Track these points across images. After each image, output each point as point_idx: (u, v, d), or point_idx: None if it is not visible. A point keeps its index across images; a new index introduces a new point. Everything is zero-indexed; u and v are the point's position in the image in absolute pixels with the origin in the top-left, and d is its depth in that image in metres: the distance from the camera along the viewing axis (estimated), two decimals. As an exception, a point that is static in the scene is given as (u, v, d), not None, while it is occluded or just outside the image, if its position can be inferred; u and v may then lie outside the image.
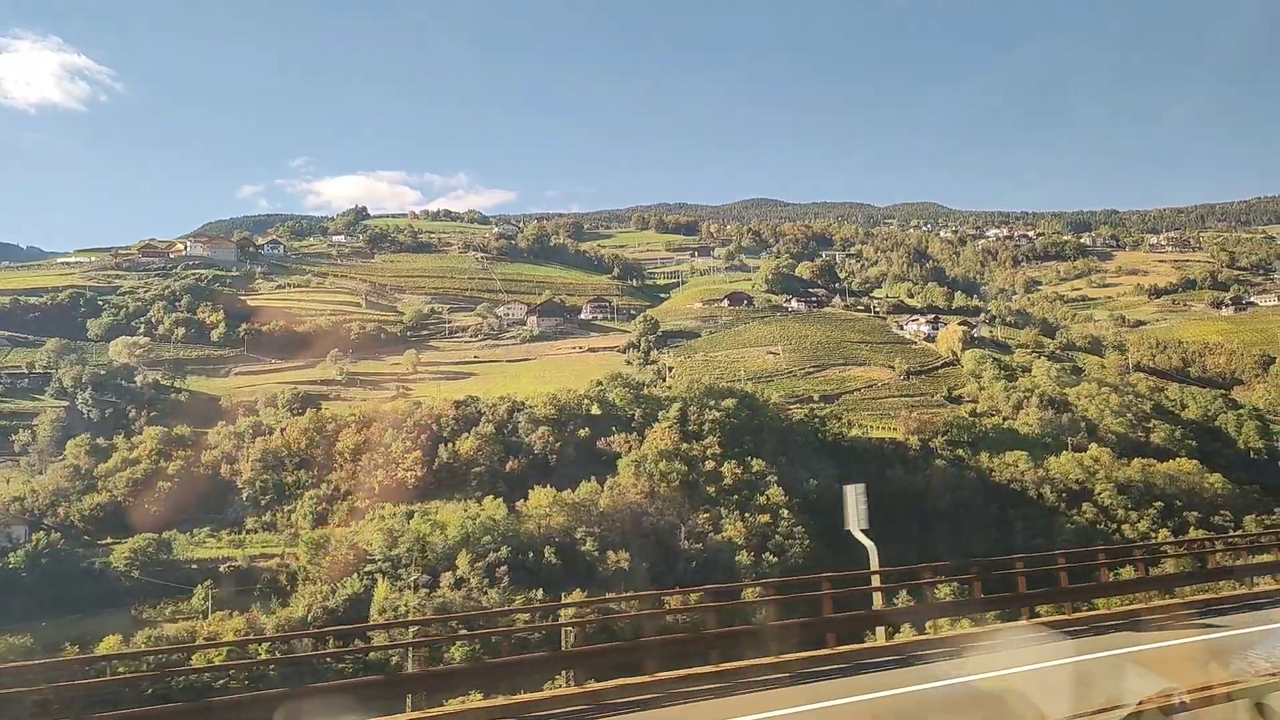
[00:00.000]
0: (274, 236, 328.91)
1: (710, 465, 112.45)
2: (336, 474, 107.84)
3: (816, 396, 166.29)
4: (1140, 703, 9.11)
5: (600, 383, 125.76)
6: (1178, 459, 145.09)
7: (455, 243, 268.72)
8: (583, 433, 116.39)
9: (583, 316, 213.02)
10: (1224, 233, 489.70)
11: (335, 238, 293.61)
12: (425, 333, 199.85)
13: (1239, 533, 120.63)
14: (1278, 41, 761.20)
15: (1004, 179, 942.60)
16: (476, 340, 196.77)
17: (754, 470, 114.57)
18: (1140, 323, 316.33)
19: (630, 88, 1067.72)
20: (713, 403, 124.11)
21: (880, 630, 22.75)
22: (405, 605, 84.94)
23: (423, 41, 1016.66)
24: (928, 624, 31.07)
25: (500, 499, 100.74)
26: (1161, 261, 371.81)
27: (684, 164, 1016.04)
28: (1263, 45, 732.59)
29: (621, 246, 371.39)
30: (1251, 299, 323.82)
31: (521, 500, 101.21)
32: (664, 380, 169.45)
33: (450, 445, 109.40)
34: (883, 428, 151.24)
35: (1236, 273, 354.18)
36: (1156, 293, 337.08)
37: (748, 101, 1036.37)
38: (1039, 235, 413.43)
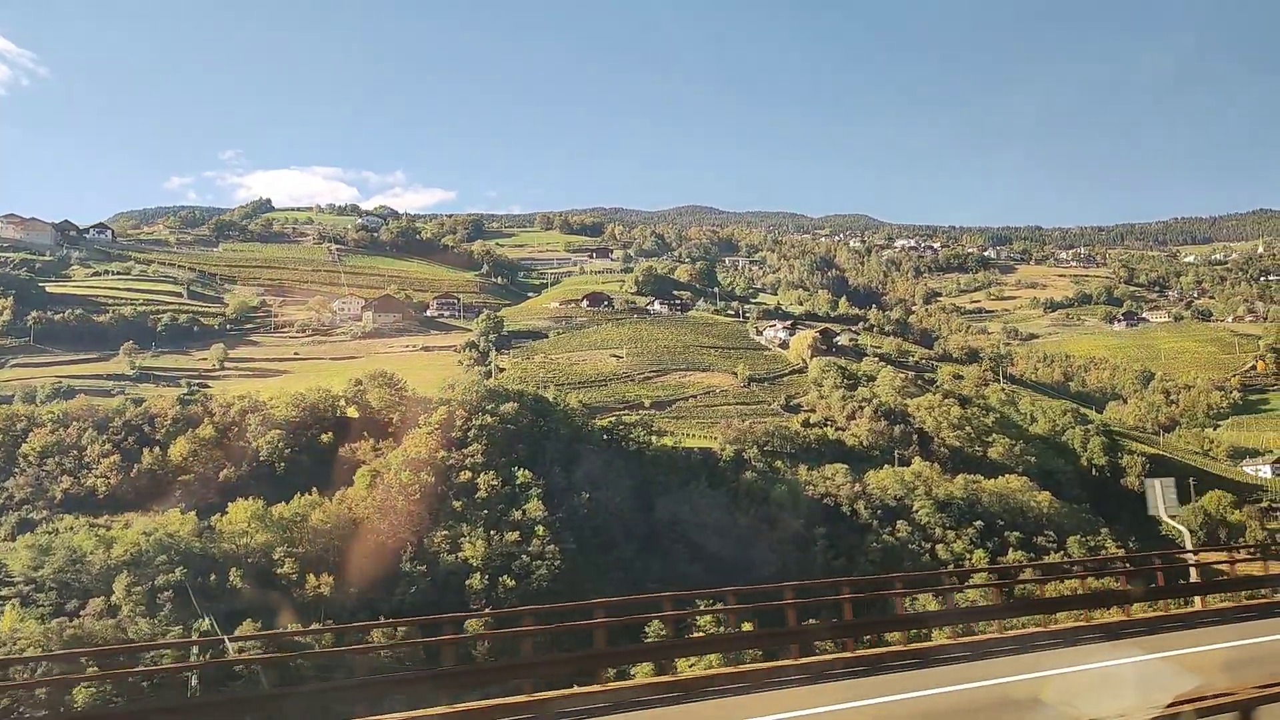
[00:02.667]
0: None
1: (466, 476, 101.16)
2: (15, 480, 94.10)
3: (648, 403, 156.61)
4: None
5: (359, 382, 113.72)
6: (1007, 476, 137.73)
7: (311, 233, 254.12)
8: (325, 438, 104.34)
9: (429, 314, 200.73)
10: (1132, 250, 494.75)
11: (199, 229, 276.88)
12: (250, 326, 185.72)
13: (1037, 562, 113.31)
14: (1198, 71, 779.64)
15: (936, 194, 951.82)
16: (303, 335, 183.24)
17: (518, 482, 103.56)
18: (1033, 335, 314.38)
19: (571, 91, 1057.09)
20: (491, 406, 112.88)
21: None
22: (28, 638, 71.93)
23: (362, 37, 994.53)
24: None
25: (195, 513, 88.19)
26: (1061, 276, 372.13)
27: (624, 169, 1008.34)
28: (1186, 75, 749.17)
29: (521, 246, 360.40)
30: (1144, 315, 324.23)
31: (220, 515, 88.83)
32: (493, 380, 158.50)
33: (156, 449, 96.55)
34: (703, 437, 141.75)
35: (1133, 289, 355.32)
36: (1052, 306, 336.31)
37: (690, 110, 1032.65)
38: (943, 247, 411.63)
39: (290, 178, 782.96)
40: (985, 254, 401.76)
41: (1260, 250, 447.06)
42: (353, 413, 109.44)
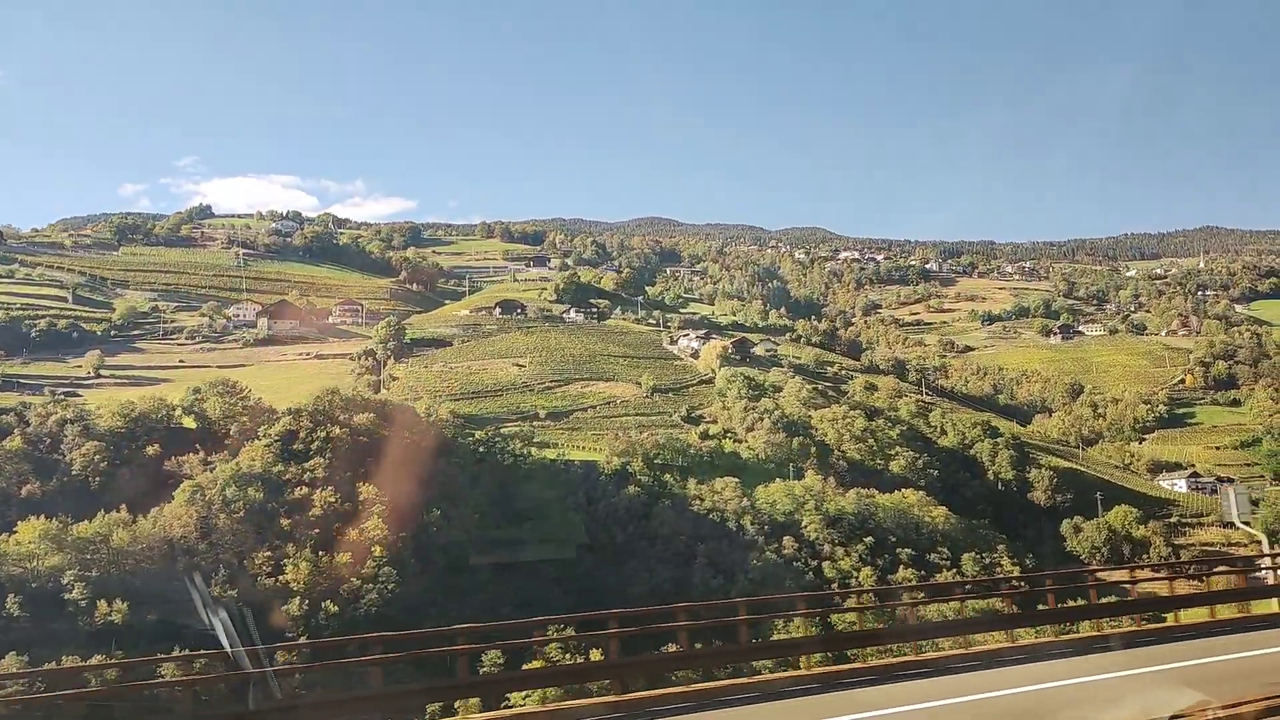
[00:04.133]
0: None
1: (302, 492, 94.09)
2: None
3: (544, 413, 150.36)
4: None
5: (198, 390, 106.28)
6: (904, 490, 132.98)
7: (219, 237, 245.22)
8: (151, 450, 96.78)
9: (331, 320, 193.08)
10: (1080, 265, 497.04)
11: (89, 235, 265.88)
12: (137, 333, 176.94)
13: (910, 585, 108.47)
14: (1151, 92, 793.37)
15: (893, 209, 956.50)
16: (193, 342, 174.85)
17: (361, 499, 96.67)
18: (969, 348, 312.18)
19: (534, 100, 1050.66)
20: (344, 417, 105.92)
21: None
22: None
23: (320, 44, 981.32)
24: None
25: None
26: (1002, 289, 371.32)
27: (586, 181, 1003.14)
28: (1140, 95, 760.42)
29: (459, 254, 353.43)
30: (1079, 329, 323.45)
31: (7, 535, 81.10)
32: (384, 390, 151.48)
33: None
34: (591, 449, 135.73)
35: (1071, 302, 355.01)
36: (990, 319, 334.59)
37: (653, 123, 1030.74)
38: (886, 259, 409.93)
39: (248, 185, 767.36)
40: (927, 266, 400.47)
41: (1201, 265, 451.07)
42: (189, 423, 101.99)
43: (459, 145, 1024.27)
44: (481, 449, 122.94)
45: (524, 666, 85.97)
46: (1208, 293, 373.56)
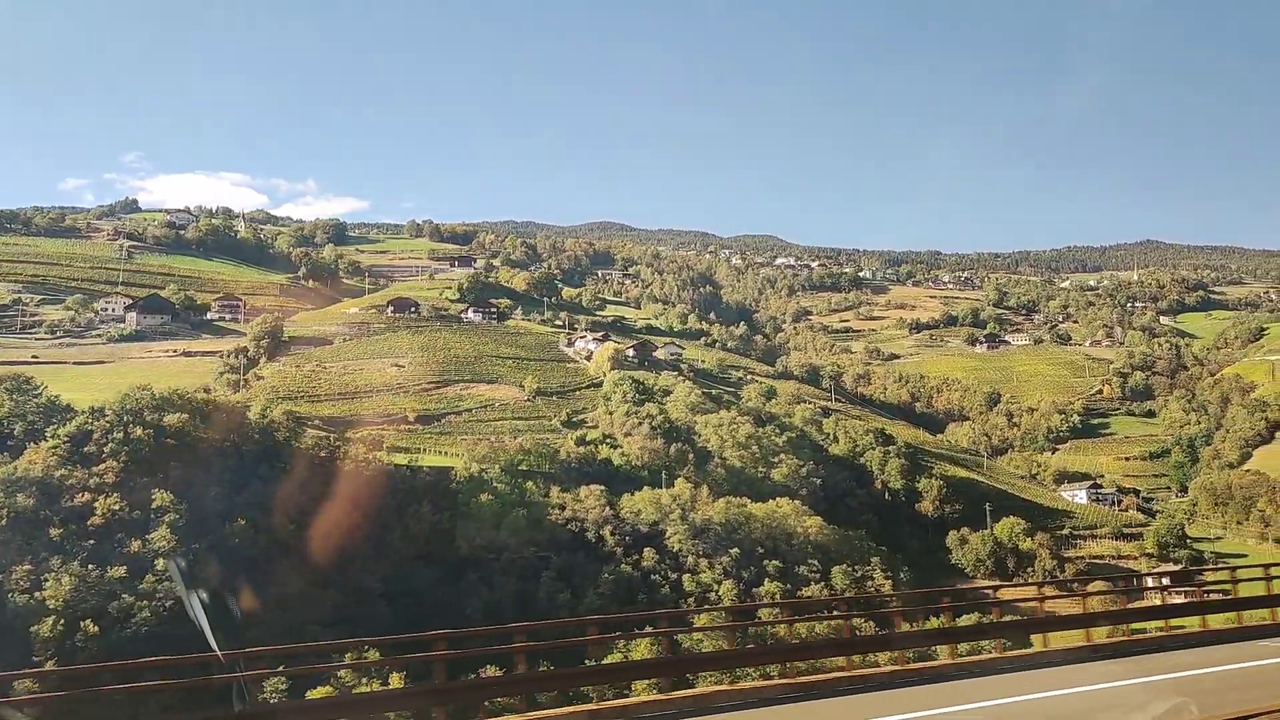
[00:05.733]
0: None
1: (84, 498, 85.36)
2: None
3: (413, 416, 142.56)
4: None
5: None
6: (778, 499, 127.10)
7: (106, 228, 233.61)
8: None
9: (208, 316, 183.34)
10: (1024, 276, 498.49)
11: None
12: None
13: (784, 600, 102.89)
14: (1099, 110, 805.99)
15: (845, 219, 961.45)
16: (52, 337, 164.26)
17: (155, 506, 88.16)
18: (894, 355, 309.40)
19: (488, 105, 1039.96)
20: (153, 417, 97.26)
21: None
22: None
23: (276, 42, 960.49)
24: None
25: None
26: (932, 298, 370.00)
27: (540, 183, 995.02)
28: (1087, 113, 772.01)
29: (383, 252, 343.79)
30: (1005, 338, 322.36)
31: None
32: (242, 390, 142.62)
33: None
34: (450, 454, 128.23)
35: (1000, 312, 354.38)
36: (918, 327, 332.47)
37: (607, 125, 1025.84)
38: (819, 265, 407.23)
39: (196, 182, 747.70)
40: (861, 274, 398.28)
41: (1135, 277, 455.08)
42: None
43: (415, 147, 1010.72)
44: (324, 453, 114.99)
45: (308, 694, 78.24)
46: (1137, 304, 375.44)
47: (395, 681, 75.53)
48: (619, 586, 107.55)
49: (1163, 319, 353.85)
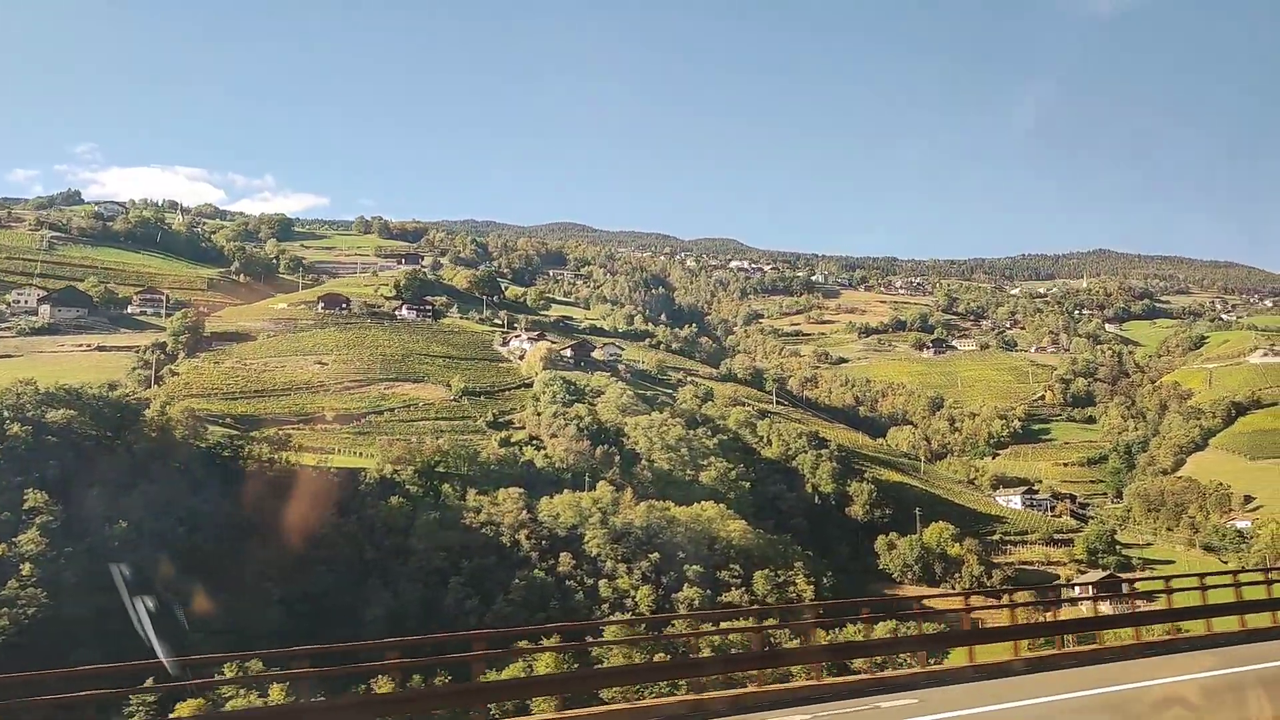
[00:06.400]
0: None
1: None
2: None
3: (331, 415, 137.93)
4: None
5: None
6: (704, 503, 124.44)
7: (29, 219, 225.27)
8: None
9: (129, 310, 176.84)
10: (975, 283, 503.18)
11: None
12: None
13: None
14: (1054, 118, 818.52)
15: (806, 225, 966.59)
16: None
17: (27, 507, 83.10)
18: (843, 359, 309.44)
19: (449, 100, 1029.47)
20: (34, 413, 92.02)
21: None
22: None
23: (232, 34, 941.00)
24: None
25: None
26: (882, 303, 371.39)
27: (502, 183, 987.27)
28: (1044, 121, 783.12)
29: (330, 249, 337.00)
30: (952, 343, 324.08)
31: None
32: (153, 386, 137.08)
33: None
34: (363, 455, 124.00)
35: (949, 317, 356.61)
36: (867, 331, 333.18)
37: (571, 125, 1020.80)
38: (771, 269, 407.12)
39: (150, 176, 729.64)
40: (813, 279, 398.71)
41: (1085, 285, 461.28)
42: None
43: (376, 145, 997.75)
44: (227, 452, 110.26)
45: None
46: (1084, 312, 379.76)
47: (275, 694, 72.08)
48: (531, 592, 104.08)
49: (1108, 326, 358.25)
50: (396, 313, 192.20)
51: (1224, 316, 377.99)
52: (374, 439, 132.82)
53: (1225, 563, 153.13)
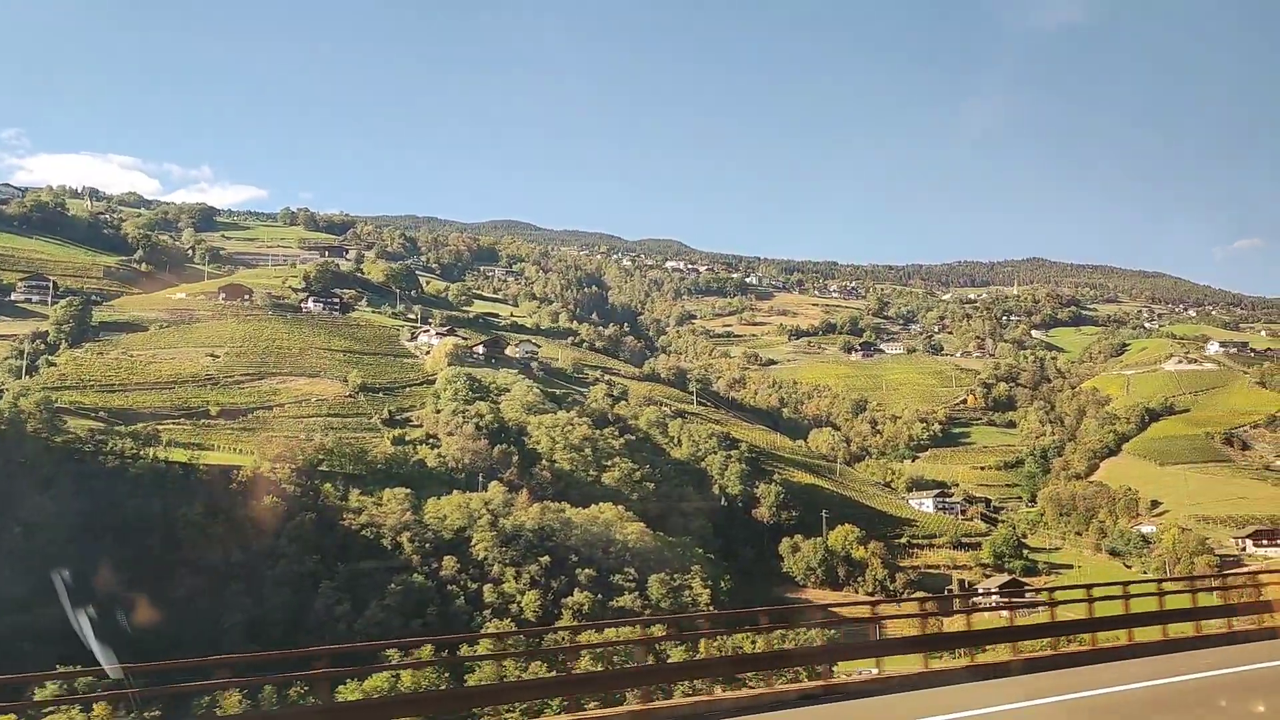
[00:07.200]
0: None
1: None
2: None
3: (215, 410, 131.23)
4: None
5: None
6: (601, 504, 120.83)
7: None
8: None
9: (12, 298, 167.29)
10: (911, 288, 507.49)
11: None
12: None
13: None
14: (997, 128, 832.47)
15: (748, 228, 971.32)
16: None
17: None
18: (772, 361, 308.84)
19: (392, 93, 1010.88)
20: None
21: None
22: None
23: (170, 20, 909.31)
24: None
25: None
26: (815, 306, 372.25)
27: (444, 178, 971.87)
28: (990, 132, 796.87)
29: (251, 240, 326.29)
30: (880, 347, 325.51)
31: None
32: (24, 377, 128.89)
33: None
34: (244, 452, 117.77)
35: (878, 321, 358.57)
36: (798, 334, 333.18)
37: (517, 121, 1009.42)
38: (707, 270, 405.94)
39: (81, 163, 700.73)
40: (748, 280, 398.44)
41: (1015, 291, 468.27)
42: None
43: (317, 139, 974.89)
44: (88, 448, 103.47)
45: None
46: (1012, 318, 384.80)
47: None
48: (408, 598, 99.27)
49: (1034, 333, 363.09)
50: (302, 305, 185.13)
51: (1147, 325, 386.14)
52: (258, 435, 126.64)
53: (1129, 567, 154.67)
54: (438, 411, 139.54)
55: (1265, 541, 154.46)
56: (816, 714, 17.50)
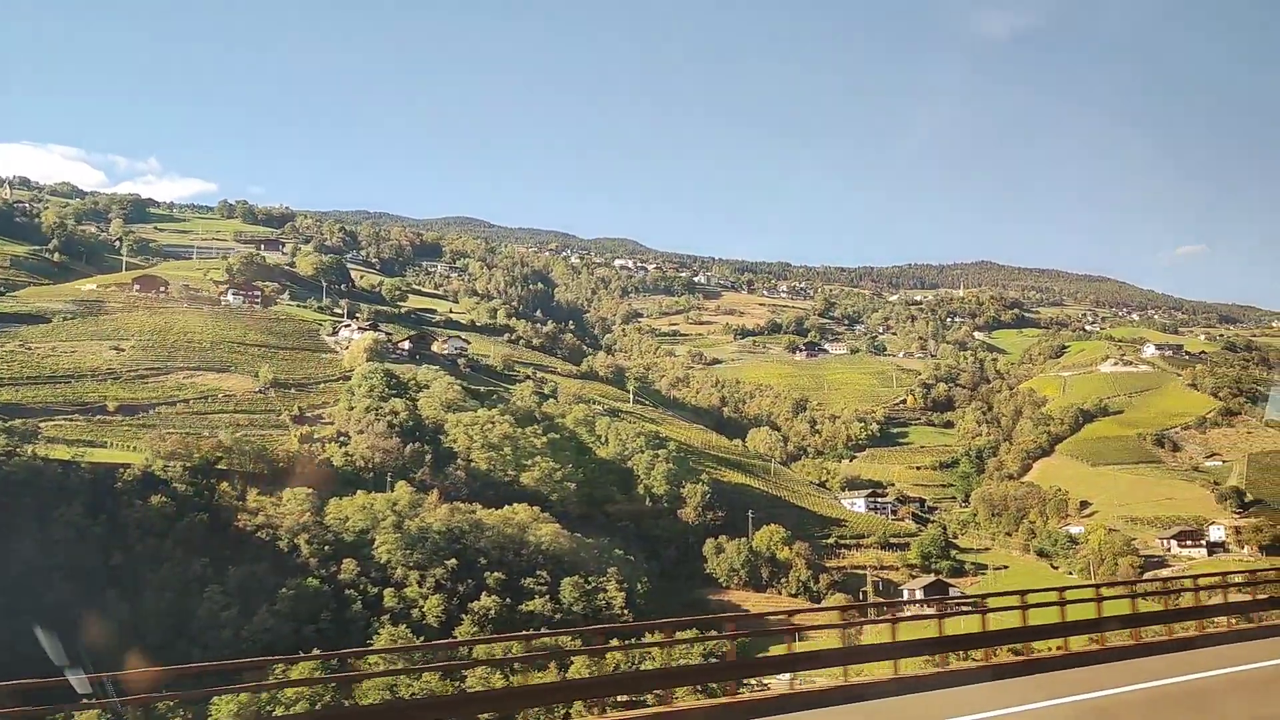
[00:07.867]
0: None
1: None
2: None
3: (113, 406, 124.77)
4: None
5: None
6: (514, 505, 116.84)
7: None
8: None
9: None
10: (860, 289, 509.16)
11: None
12: None
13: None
14: (950, 134, 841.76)
15: (702, 227, 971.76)
16: None
17: None
18: (717, 360, 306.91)
19: (345, 88, 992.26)
20: None
21: None
22: None
23: (110, 13, 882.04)
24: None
25: None
26: (761, 305, 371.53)
27: (396, 173, 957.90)
28: (941, 136, 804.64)
29: (186, 232, 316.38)
30: (824, 347, 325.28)
31: None
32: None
33: None
34: (132, 449, 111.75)
35: (824, 321, 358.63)
36: (743, 334, 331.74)
37: (473, 118, 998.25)
38: (655, 268, 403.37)
39: (20, 153, 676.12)
40: (695, 280, 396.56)
41: (961, 294, 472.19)
42: None
43: (269, 132, 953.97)
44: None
45: None
46: (956, 319, 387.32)
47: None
48: (300, 603, 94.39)
49: (977, 334, 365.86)
50: (222, 298, 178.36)
51: (1087, 328, 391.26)
52: (159, 431, 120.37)
53: (1056, 568, 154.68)
54: (350, 408, 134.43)
55: (1189, 542, 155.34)
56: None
